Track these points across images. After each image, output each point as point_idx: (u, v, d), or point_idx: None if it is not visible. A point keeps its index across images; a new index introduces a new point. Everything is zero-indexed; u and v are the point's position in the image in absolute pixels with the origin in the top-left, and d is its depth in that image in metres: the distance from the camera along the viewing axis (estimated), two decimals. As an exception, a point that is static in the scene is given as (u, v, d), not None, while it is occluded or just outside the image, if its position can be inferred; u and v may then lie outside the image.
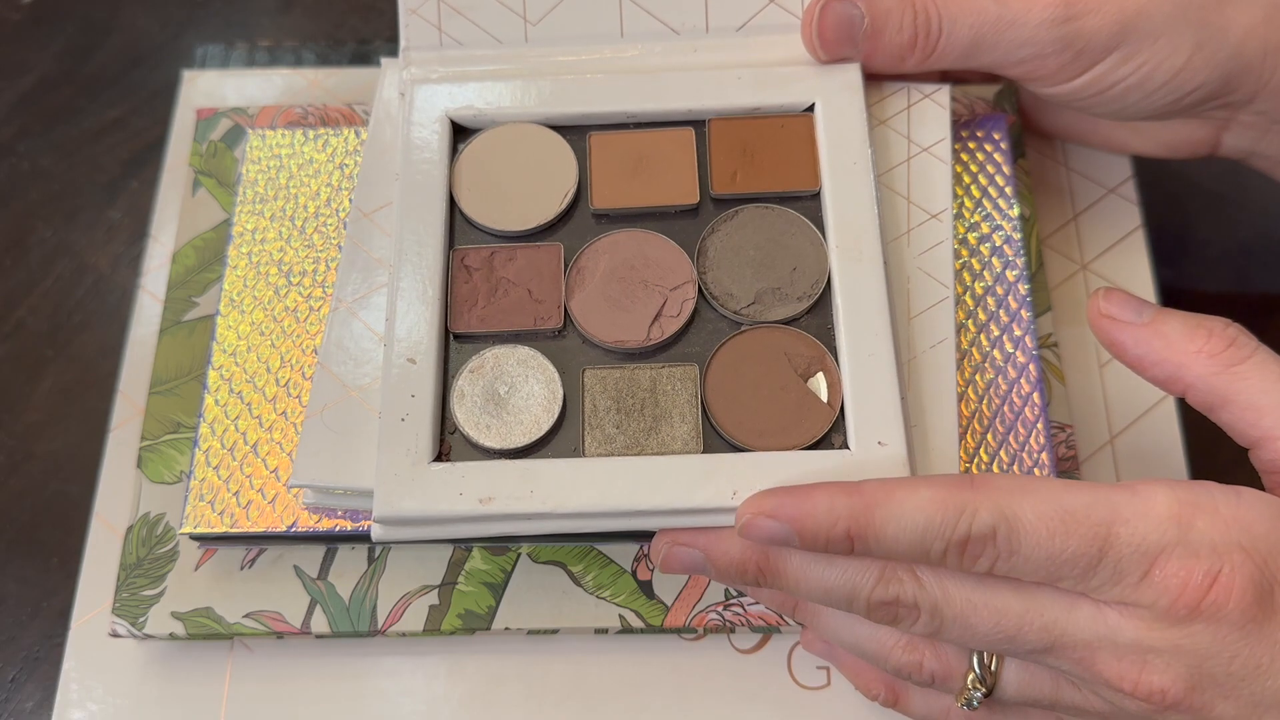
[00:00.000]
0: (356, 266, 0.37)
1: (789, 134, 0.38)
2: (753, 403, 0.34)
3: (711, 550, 0.32)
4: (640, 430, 0.34)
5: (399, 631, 0.37)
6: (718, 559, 0.32)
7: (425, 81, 0.39)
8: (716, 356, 0.35)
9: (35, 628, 0.40)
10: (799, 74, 0.39)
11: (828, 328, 0.36)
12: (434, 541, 0.38)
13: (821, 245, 0.37)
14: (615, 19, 0.39)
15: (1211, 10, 0.36)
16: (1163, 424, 0.41)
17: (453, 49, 0.40)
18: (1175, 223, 0.47)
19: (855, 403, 0.34)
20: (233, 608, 0.37)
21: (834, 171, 0.37)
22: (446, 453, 0.34)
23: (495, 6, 0.39)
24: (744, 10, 0.39)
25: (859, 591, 0.30)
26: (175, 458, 0.40)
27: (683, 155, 0.38)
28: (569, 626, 0.37)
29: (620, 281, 0.36)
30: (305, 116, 0.45)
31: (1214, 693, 0.28)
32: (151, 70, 0.52)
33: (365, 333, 0.36)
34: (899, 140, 0.39)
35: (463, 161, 0.38)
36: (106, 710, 0.38)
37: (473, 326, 0.36)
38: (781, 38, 0.39)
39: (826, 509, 0.29)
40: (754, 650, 0.39)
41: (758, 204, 0.37)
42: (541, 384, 0.35)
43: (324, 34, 0.53)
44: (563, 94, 0.38)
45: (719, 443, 0.34)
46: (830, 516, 0.29)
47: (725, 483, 0.32)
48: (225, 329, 0.40)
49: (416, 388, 0.34)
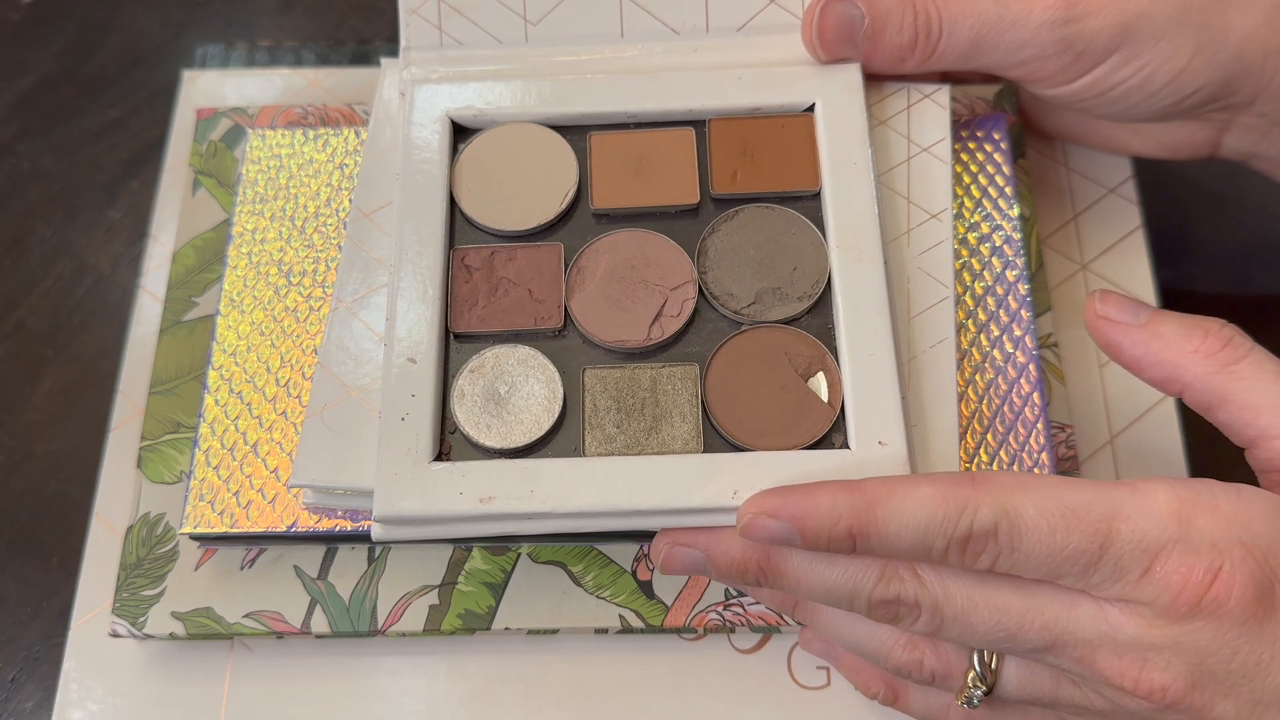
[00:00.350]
0: (356, 266, 0.37)
1: (789, 134, 0.38)
2: (753, 402, 0.34)
3: (712, 550, 0.32)
4: (640, 430, 0.34)
5: (399, 631, 0.37)
6: (718, 559, 0.32)
7: (425, 81, 0.39)
8: (717, 356, 0.35)
9: (35, 628, 0.40)
10: (799, 74, 0.39)
11: (828, 327, 0.36)
12: (434, 541, 0.38)
13: (822, 245, 0.37)
14: (615, 19, 0.39)
15: (1212, 13, 0.36)
16: (1163, 424, 0.41)
17: (453, 49, 0.40)
18: (1175, 223, 0.47)
19: (856, 402, 0.34)
20: (233, 608, 0.37)
21: (834, 171, 0.37)
22: (447, 452, 0.34)
23: (495, 6, 0.39)
24: (744, 10, 0.39)
25: (860, 590, 0.30)
26: (175, 458, 0.40)
27: (683, 155, 0.38)
28: (569, 626, 0.37)
29: (621, 281, 0.36)
30: (305, 116, 0.45)
31: (1214, 690, 0.28)
32: (151, 70, 0.52)
33: (365, 333, 0.36)
34: (899, 140, 0.39)
35: (463, 161, 0.38)
36: (106, 710, 0.38)
37: (473, 326, 0.36)
38: (782, 38, 0.39)
39: (828, 508, 0.29)
40: (754, 650, 0.39)
41: (758, 204, 0.37)
42: (542, 384, 0.35)
43: (324, 34, 0.53)
44: (563, 94, 0.38)
45: (719, 442, 0.34)
46: (832, 515, 0.29)
47: (726, 482, 0.32)
48: (225, 329, 0.40)
49: (417, 387, 0.34)
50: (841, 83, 0.38)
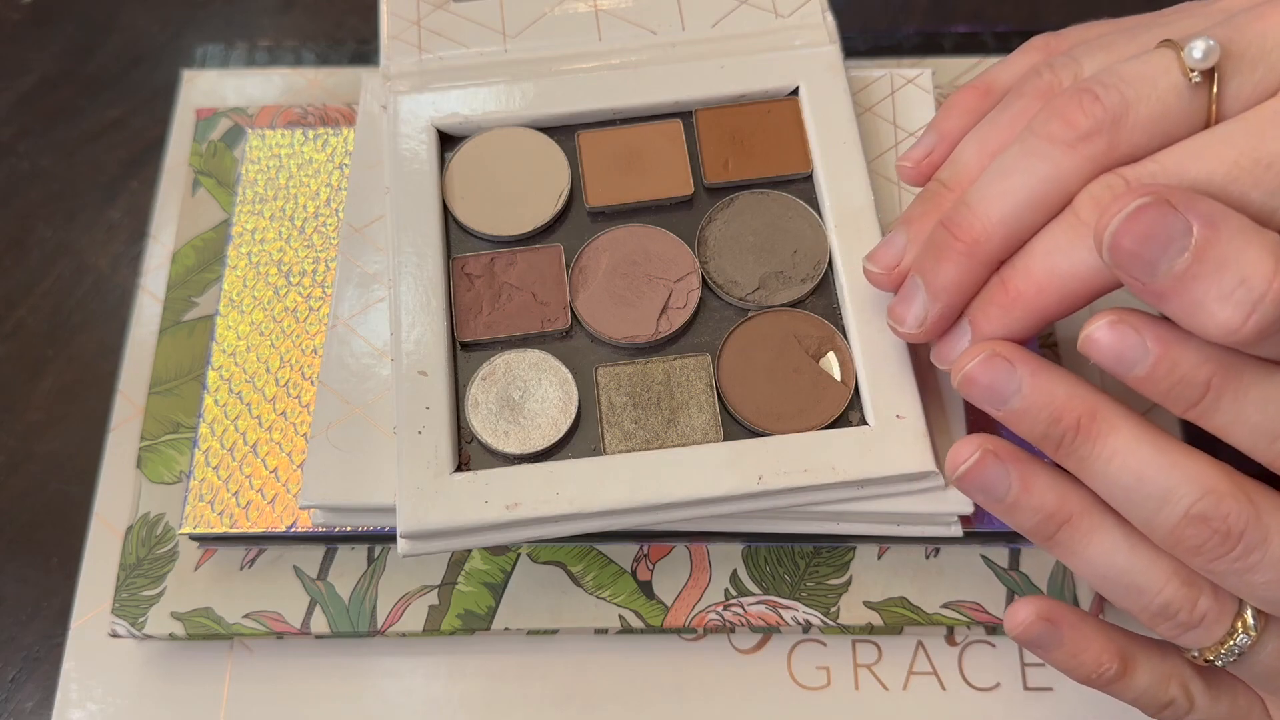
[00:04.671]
0: (352, 282, 0.37)
1: (776, 119, 0.38)
2: (768, 387, 0.34)
3: (1033, 384, 0.27)
4: (659, 423, 0.34)
5: (399, 631, 0.37)
6: (1036, 395, 0.27)
7: (407, 93, 0.39)
8: (727, 344, 0.35)
9: (35, 628, 0.40)
10: (779, 59, 0.39)
11: (834, 307, 0.36)
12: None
13: (820, 226, 0.37)
14: (593, 29, 0.40)
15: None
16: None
17: (433, 62, 0.39)
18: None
19: (869, 378, 0.34)
20: (232, 608, 0.37)
21: (825, 152, 0.37)
22: (466, 462, 0.34)
23: (475, 28, 0.40)
24: (717, 9, 0.40)
25: (1179, 497, 0.26)
26: (175, 458, 0.40)
27: (673, 147, 0.38)
28: (569, 626, 0.37)
29: (624, 277, 0.36)
30: (305, 116, 0.45)
31: None
32: (151, 70, 0.52)
33: (365, 349, 0.36)
34: (885, 126, 0.39)
35: (453, 170, 0.38)
36: (106, 710, 0.38)
37: (480, 334, 0.36)
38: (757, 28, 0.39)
39: (1197, 352, 0.25)
40: (754, 650, 0.39)
41: (752, 190, 0.38)
42: (555, 385, 0.35)
43: (324, 34, 0.53)
44: (547, 95, 0.38)
45: (738, 430, 0.34)
46: (1200, 355, 0.25)
47: (750, 469, 0.33)
48: (225, 329, 0.40)
49: (430, 399, 0.34)
50: (823, 64, 0.38)
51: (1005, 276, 0.28)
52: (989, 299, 0.28)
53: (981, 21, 0.52)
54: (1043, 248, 0.27)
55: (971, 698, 0.38)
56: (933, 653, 0.38)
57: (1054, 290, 0.27)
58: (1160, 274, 0.24)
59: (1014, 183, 0.27)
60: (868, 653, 0.38)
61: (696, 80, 0.39)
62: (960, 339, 0.29)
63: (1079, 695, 0.37)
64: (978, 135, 0.30)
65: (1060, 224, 0.27)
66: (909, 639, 0.39)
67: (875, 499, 0.34)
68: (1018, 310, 0.28)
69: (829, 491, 0.33)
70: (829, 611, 0.37)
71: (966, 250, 0.28)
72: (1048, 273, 0.27)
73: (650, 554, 0.38)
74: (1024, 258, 0.28)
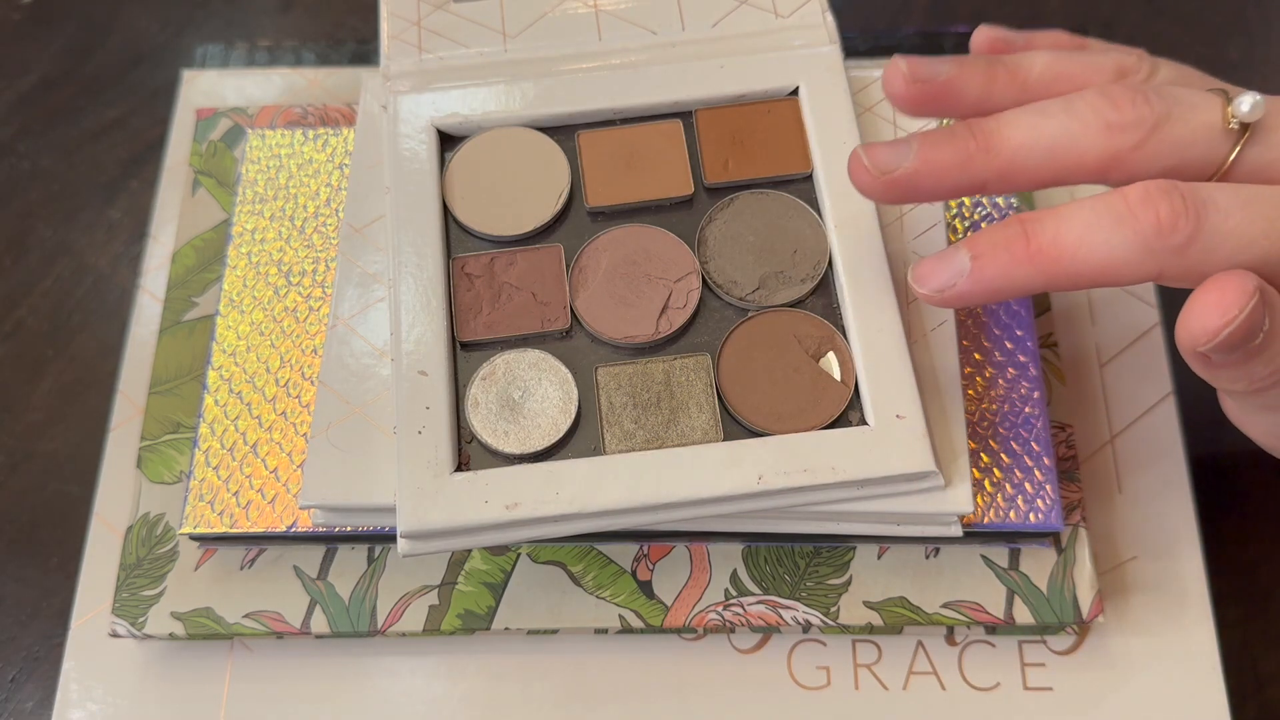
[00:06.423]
0: (351, 283, 0.37)
1: (776, 118, 0.38)
2: (768, 387, 0.34)
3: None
4: (659, 423, 0.34)
5: (399, 631, 0.37)
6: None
7: (407, 93, 0.39)
8: (727, 344, 0.35)
9: (35, 628, 0.40)
10: (779, 59, 0.39)
11: (834, 307, 0.36)
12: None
13: (820, 226, 0.37)
14: (593, 29, 0.40)
15: None
16: (1163, 424, 0.41)
17: (432, 62, 0.39)
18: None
19: (869, 378, 0.34)
20: (232, 608, 0.38)
21: (825, 152, 0.37)
22: (466, 462, 0.34)
23: (475, 28, 0.40)
24: (717, 9, 0.40)
25: None
26: (175, 458, 0.40)
27: (673, 147, 0.38)
28: (569, 626, 0.37)
29: (623, 277, 0.36)
30: (305, 116, 0.45)
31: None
32: (151, 70, 0.52)
33: (365, 349, 0.36)
34: (885, 126, 0.39)
35: (453, 170, 0.38)
36: (106, 710, 0.38)
37: (479, 334, 0.36)
38: (757, 28, 0.39)
39: None
40: (754, 650, 0.39)
41: (752, 190, 0.38)
42: (555, 385, 0.35)
43: (324, 34, 0.53)
44: (547, 95, 0.39)
45: (738, 429, 0.34)
46: None
47: (750, 468, 0.33)
48: (225, 329, 0.40)
49: (430, 399, 0.34)
50: (823, 64, 0.38)
51: (1030, 231, 0.28)
52: (1003, 243, 0.28)
53: (981, 22, 0.52)
54: (1083, 220, 0.27)
55: (971, 698, 0.38)
56: (933, 653, 0.38)
57: (1077, 262, 0.27)
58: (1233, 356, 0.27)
59: (1046, 126, 0.28)
60: (868, 653, 0.38)
61: (696, 80, 0.39)
62: (952, 266, 0.29)
63: (1079, 695, 0.37)
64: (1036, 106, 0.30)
65: (1107, 206, 0.27)
66: (909, 639, 0.39)
67: (875, 499, 0.34)
68: (1029, 267, 0.28)
69: (829, 491, 0.33)
70: (829, 611, 0.37)
71: (975, 147, 0.29)
72: (1078, 244, 0.27)
73: (650, 554, 0.38)
74: (1056, 221, 0.28)
